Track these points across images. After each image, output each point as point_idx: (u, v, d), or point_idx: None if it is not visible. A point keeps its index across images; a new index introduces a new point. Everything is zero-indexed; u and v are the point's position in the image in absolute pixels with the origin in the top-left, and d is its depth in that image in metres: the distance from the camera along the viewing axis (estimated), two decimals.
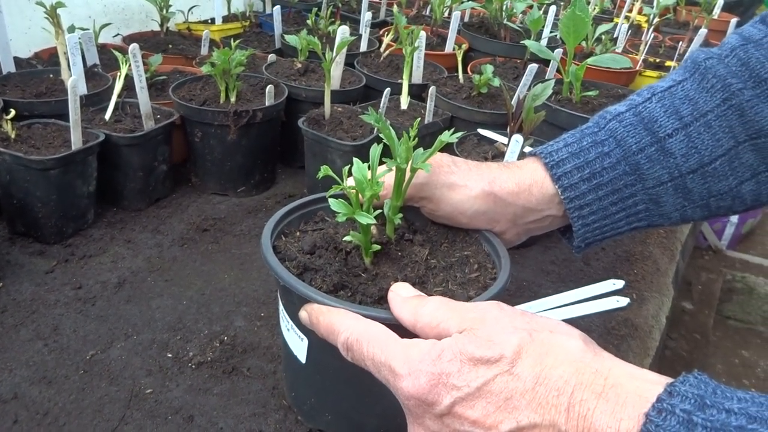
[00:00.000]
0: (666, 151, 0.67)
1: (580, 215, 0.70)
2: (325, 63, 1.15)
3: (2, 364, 0.78)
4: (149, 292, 0.94)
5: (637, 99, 0.71)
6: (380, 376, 0.52)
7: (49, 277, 0.95)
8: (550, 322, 0.51)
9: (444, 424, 0.48)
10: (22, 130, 1.03)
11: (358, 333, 0.53)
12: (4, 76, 1.20)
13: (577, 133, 0.72)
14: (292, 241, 0.68)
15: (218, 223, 1.15)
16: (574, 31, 1.28)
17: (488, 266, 0.68)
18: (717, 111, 0.66)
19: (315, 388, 0.69)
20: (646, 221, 0.71)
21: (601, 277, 1.11)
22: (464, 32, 1.96)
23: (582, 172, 0.68)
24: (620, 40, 2.09)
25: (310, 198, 0.73)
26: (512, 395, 0.45)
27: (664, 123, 0.68)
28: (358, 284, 0.62)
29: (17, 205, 1.00)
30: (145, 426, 0.72)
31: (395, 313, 0.55)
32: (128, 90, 1.18)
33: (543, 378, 0.45)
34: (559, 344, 0.47)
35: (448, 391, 0.47)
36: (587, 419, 0.42)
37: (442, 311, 0.52)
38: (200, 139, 1.20)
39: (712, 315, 2.57)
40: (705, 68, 0.68)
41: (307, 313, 0.58)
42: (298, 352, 0.66)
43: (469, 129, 1.28)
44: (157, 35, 1.73)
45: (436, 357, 0.48)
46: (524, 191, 0.70)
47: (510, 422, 0.45)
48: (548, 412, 0.44)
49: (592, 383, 0.44)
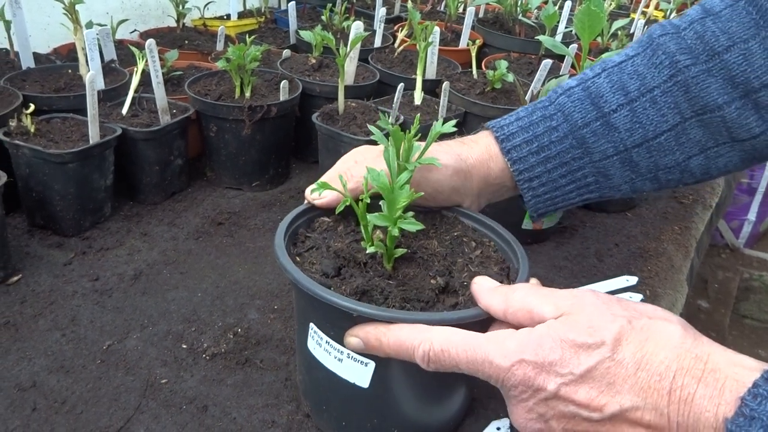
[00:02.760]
0: (610, 125, 0.69)
1: (530, 187, 0.72)
2: (339, 58, 1.16)
3: (21, 353, 0.80)
4: (165, 284, 0.96)
5: (588, 74, 0.73)
6: (480, 374, 0.52)
7: (67, 269, 0.97)
8: (647, 308, 0.52)
9: (549, 407, 0.50)
10: (42, 125, 1.04)
11: (440, 342, 0.53)
12: (24, 71, 1.22)
13: (530, 107, 0.74)
14: (305, 262, 0.65)
15: (233, 217, 1.16)
16: (590, 26, 1.27)
17: (485, 241, 0.69)
18: (663, 87, 0.67)
19: (379, 411, 0.65)
20: (597, 192, 0.73)
21: (614, 274, 1.11)
22: (478, 28, 1.96)
23: (531, 145, 0.71)
24: (636, 35, 2.07)
25: (296, 212, 0.70)
26: (615, 380, 0.47)
27: (609, 98, 0.69)
28: (398, 292, 0.59)
29: (36, 198, 1.01)
30: (160, 415, 0.73)
31: (484, 302, 0.56)
32: (145, 85, 1.19)
33: (644, 363, 0.46)
34: (658, 330, 0.48)
35: (552, 378, 0.48)
36: (688, 403, 0.44)
37: (534, 297, 0.53)
38: (215, 134, 1.21)
39: (728, 314, 2.55)
40: (657, 44, 0.69)
41: (362, 337, 0.56)
42: (357, 380, 0.62)
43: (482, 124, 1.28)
44: (173, 31, 1.75)
45: (536, 345, 0.49)
46: (483, 164, 0.72)
47: (613, 405, 0.46)
48: (650, 396, 0.45)
49: (693, 368, 0.45)
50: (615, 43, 1.81)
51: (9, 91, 1.10)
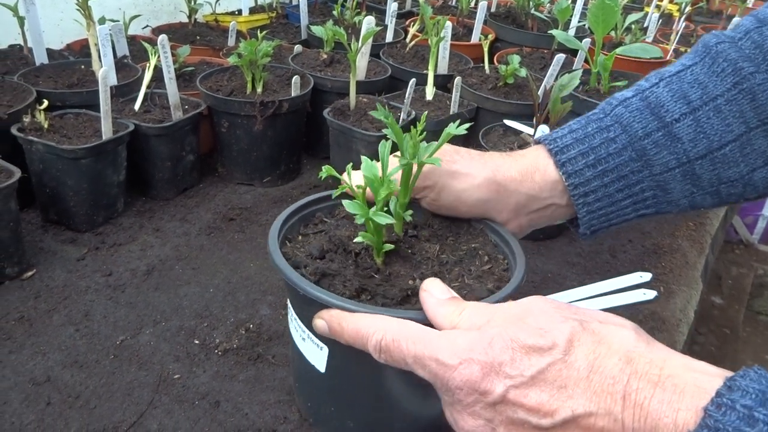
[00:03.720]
0: (673, 136, 0.66)
1: (585, 202, 0.68)
2: (350, 54, 1.15)
3: (36, 348, 0.81)
4: (177, 279, 0.96)
5: (644, 84, 0.69)
6: (425, 371, 0.51)
7: (80, 264, 0.97)
8: (598, 313, 0.50)
9: (497, 412, 0.48)
10: (55, 120, 1.05)
11: (393, 332, 0.52)
12: (38, 67, 1.23)
13: (583, 119, 0.70)
14: (297, 246, 0.66)
15: (244, 212, 1.16)
16: (603, 20, 1.27)
17: (499, 257, 0.66)
18: (727, 95, 0.64)
19: (335, 397, 0.67)
20: (654, 208, 0.70)
21: (628, 270, 1.09)
22: (491, 22, 1.94)
23: (587, 158, 0.67)
24: (650, 29, 2.05)
25: (306, 200, 0.71)
26: (566, 384, 0.45)
27: (671, 107, 0.66)
28: (375, 286, 0.60)
29: (50, 193, 1.02)
30: (173, 410, 0.73)
31: (429, 314, 0.54)
32: (157, 81, 1.19)
33: (597, 366, 0.45)
34: (611, 334, 0.47)
35: (501, 380, 0.47)
36: (644, 408, 0.42)
37: (483, 314, 0.51)
38: (227, 130, 1.21)
39: (742, 310, 2.53)
40: (716, 52, 0.66)
41: (325, 321, 0.57)
42: (315, 362, 0.63)
43: (495, 120, 1.27)
44: (185, 26, 1.75)
45: (486, 345, 0.47)
46: (527, 178, 0.68)
47: (565, 411, 0.44)
48: (604, 400, 0.43)
49: (648, 372, 0.43)
50: (629, 37, 1.79)
51: (23, 87, 1.11)
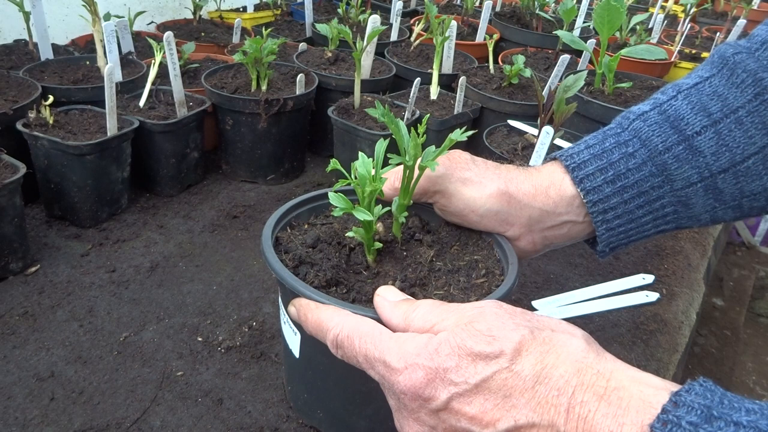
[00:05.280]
0: (695, 149, 0.64)
1: (604, 219, 0.66)
2: (355, 52, 1.15)
3: (40, 343, 0.81)
4: (180, 276, 0.96)
5: (661, 97, 0.68)
6: (374, 372, 0.50)
7: (84, 260, 0.98)
8: (551, 320, 0.49)
9: (440, 419, 0.47)
10: (60, 116, 1.05)
11: (349, 329, 0.52)
12: (43, 62, 1.23)
13: (599, 134, 0.69)
14: (297, 233, 0.67)
15: (248, 210, 1.17)
16: (608, 21, 1.26)
17: (496, 272, 0.65)
18: (749, 107, 0.63)
19: (307, 385, 0.68)
20: (674, 224, 0.68)
21: (631, 272, 1.10)
22: (495, 22, 1.94)
23: (605, 174, 0.65)
24: (655, 30, 2.05)
25: (321, 191, 0.72)
26: (511, 393, 0.44)
27: (691, 120, 0.64)
28: (356, 282, 0.60)
29: (54, 189, 1.02)
30: (176, 407, 0.74)
31: (384, 318, 0.53)
32: (162, 77, 1.19)
33: (543, 377, 0.44)
34: (561, 343, 0.46)
35: (445, 387, 0.46)
36: (588, 421, 0.41)
37: (436, 313, 0.51)
38: (231, 127, 1.21)
39: (743, 312, 2.52)
40: (734, 63, 0.65)
41: (296, 309, 0.57)
42: (292, 346, 0.65)
43: (499, 120, 1.27)
44: (190, 23, 1.75)
45: (433, 351, 0.47)
46: (541, 193, 0.67)
47: (507, 421, 0.44)
48: (547, 412, 0.43)
49: (594, 384, 0.43)
50: (633, 38, 1.79)
51: (28, 83, 1.11)
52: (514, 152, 1.13)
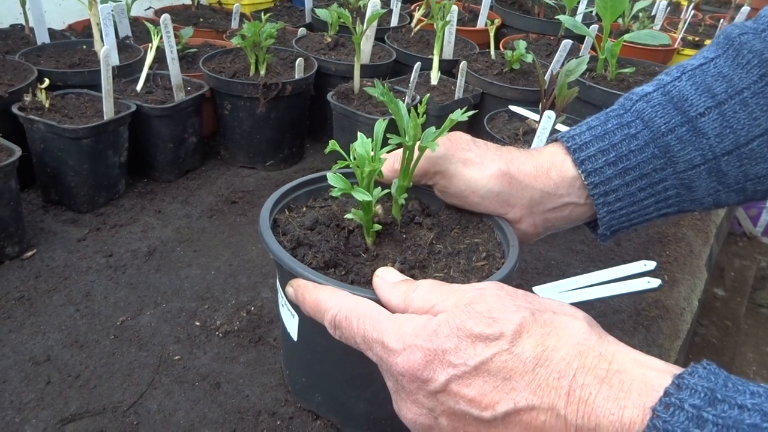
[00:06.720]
0: (698, 131, 0.63)
1: (605, 201, 0.65)
2: (355, 37, 1.14)
3: (36, 327, 0.80)
4: (178, 261, 0.95)
5: (665, 78, 0.66)
6: (372, 353, 0.50)
7: (81, 244, 0.97)
8: (553, 302, 0.48)
9: (438, 402, 0.46)
10: (56, 100, 1.04)
11: (347, 310, 0.51)
12: (39, 47, 1.22)
13: (602, 116, 0.67)
14: (296, 216, 0.66)
15: (246, 195, 1.16)
16: (611, 6, 1.25)
17: (497, 255, 0.64)
18: (754, 88, 0.62)
19: (306, 368, 0.68)
20: (677, 207, 0.67)
21: (632, 258, 1.09)
22: (497, 8, 1.93)
23: (607, 155, 0.64)
24: (658, 17, 2.03)
25: (319, 174, 0.71)
26: (511, 375, 0.43)
27: (695, 101, 0.63)
28: (354, 263, 0.60)
29: (51, 173, 1.01)
30: (174, 391, 0.73)
31: (383, 298, 0.53)
32: (159, 62, 1.18)
33: (544, 359, 0.43)
34: (562, 325, 0.45)
35: (443, 368, 0.45)
36: (588, 404, 0.40)
37: (436, 293, 0.50)
38: (230, 112, 1.20)
39: (744, 302, 2.52)
40: (740, 43, 0.63)
41: (294, 289, 0.57)
42: (291, 330, 0.64)
43: (500, 105, 1.26)
44: (188, 9, 1.73)
45: (432, 332, 0.46)
46: (542, 174, 0.66)
47: (507, 403, 0.43)
48: (548, 395, 0.42)
49: (596, 367, 0.42)
50: (636, 24, 1.78)
51: (24, 66, 1.10)
52: (515, 138, 1.12)
